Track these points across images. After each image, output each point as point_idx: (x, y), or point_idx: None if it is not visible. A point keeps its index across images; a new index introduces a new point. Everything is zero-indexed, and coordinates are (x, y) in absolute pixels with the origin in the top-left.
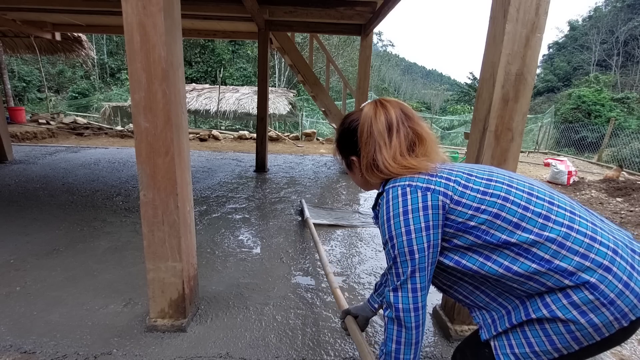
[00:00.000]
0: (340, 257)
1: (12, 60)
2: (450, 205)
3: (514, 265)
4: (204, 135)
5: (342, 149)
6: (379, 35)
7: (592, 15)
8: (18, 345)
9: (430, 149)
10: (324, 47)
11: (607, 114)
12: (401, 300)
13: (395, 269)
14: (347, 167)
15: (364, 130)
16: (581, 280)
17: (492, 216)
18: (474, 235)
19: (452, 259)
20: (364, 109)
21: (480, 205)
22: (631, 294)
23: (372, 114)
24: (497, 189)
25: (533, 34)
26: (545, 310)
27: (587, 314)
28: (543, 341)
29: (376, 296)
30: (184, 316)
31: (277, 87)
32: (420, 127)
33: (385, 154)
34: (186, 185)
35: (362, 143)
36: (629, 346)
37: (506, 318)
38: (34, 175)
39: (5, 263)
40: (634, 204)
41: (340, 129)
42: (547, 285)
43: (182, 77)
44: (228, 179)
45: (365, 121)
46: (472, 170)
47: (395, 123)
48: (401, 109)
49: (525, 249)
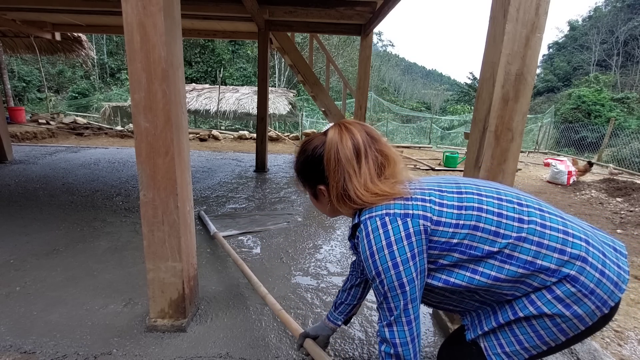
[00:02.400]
0: (340, 257)
1: (12, 60)
2: (431, 227)
3: (501, 273)
4: (204, 135)
5: (307, 178)
6: (379, 35)
7: (592, 15)
8: (18, 345)
9: (398, 170)
10: (324, 47)
11: (607, 114)
12: (398, 335)
13: (387, 304)
14: (312, 197)
15: (331, 158)
16: (562, 275)
17: (472, 229)
18: (458, 252)
19: (440, 279)
20: (327, 134)
21: (459, 221)
22: (608, 281)
23: (337, 139)
24: (470, 200)
25: (533, 34)
26: (531, 307)
27: (571, 307)
28: (532, 337)
29: (337, 314)
30: (184, 316)
31: (277, 87)
32: (387, 148)
33: (356, 182)
34: (186, 185)
35: (330, 171)
36: (629, 346)
37: (492, 318)
38: (34, 175)
39: (5, 263)
40: (634, 204)
41: (303, 158)
42: (533, 286)
43: (182, 77)
44: (228, 179)
45: (332, 147)
46: (440, 185)
47: (363, 148)
48: (366, 132)
49: (508, 254)
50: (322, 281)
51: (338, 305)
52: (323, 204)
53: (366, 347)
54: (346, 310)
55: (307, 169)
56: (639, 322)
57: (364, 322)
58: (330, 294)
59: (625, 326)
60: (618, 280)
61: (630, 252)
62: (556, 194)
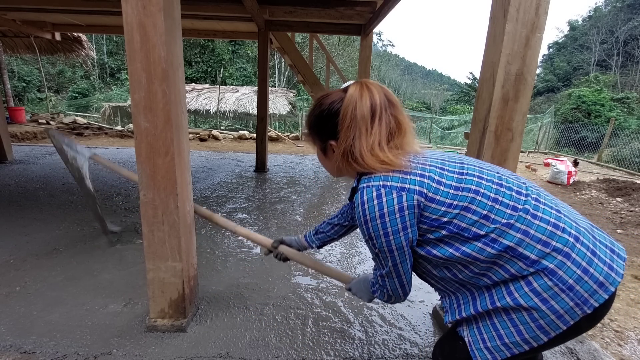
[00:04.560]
0: (340, 257)
1: (12, 60)
2: (425, 202)
3: (481, 254)
4: (204, 135)
5: (319, 132)
6: (379, 35)
7: (592, 15)
8: (18, 345)
9: (407, 140)
10: (324, 47)
11: (607, 114)
12: (388, 284)
13: (379, 261)
14: (321, 152)
15: (347, 114)
16: (541, 267)
17: (463, 209)
18: (446, 229)
19: (424, 249)
20: (348, 90)
21: (453, 201)
22: (590, 280)
23: (357, 96)
24: (469, 182)
25: (533, 34)
26: (508, 298)
27: (548, 301)
28: (512, 332)
29: (315, 238)
30: (184, 316)
31: (277, 87)
32: (402, 116)
33: (364, 143)
34: (186, 185)
35: (344, 127)
36: (629, 346)
37: (471, 304)
38: (34, 175)
39: (5, 263)
40: (634, 204)
41: (318, 111)
42: (510, 272)
43: (182, 77)
44: (228, 179)
45: (350, 103)
46: (444, 162)
47: (379, 109)
48: (385, 94)
49: (492, 239)
50: (322, 281)
51: (319, 232)
52: (330, 161)
53: (366, 347)
54: (324, 239)
55: (320, 122)
56: (639, 322)
57: (364, 322)
58: (330, 294)
59: (625, 326)
60: (605, 280)
61: (630, 252)
62: (556, 194)
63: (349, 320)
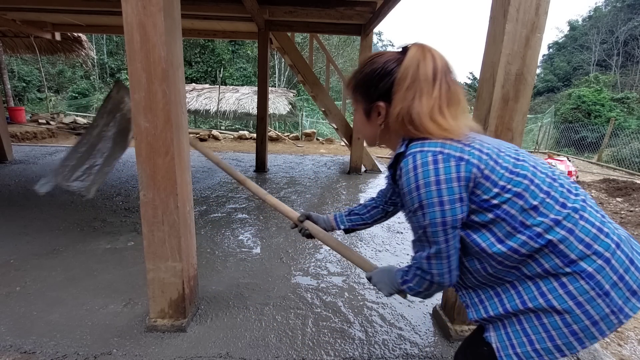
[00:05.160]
0: (340, 257)
1: (12, 60)
2: (480, 179)
3: (523, 248)
4: (204, 135)
5: (366, 93)
6: (379, 35)
7: (592, 15)
8: (18, 345)
9: (460, 110)
10: (324, 47)
11: (607, 114)
12: (436, 267)
13: (426, 239)
14: (364, 115)
15: (408, 74)
16: (579, 269)
17: (515, 196)
18: (493, 213)
19: (464, 231)
20: (408, 51)
21: (507, 184)
22: (624, 287)
23: (420, 56)
24: (525, 169)
25: (533, 34)
26: (541, 299)
27: (583, 305)
28: (543, 337)
29: (346, 219)
30: (184, 316)
31: (277, 87)
32: (458, 87)
33: (425, 104)
34: (186, 185)
35: (402, 88)
36: (629, 346)
37: (497, 302)
38: (34, 175)
39: (5, 263)
40: (634, 204)
41: (369, 70)
42: (544, 267)
43: (182, 77)
44: (228, 179)
45: (412, 63)
46: (501, 145)
47: (439, 74)
48: (444, 59)
49: (538, 233)
50: (322, 281)
51: (352, 214)
52: (372, 125)
53: (366, 347)
54: (356, 222)
55: (370, 81)
56: (639, 322)
57: (364, 322)
58: (330, 294)
59: (625, 326)
60: (638, 288)
61: None
62: None
63: (349, 320)
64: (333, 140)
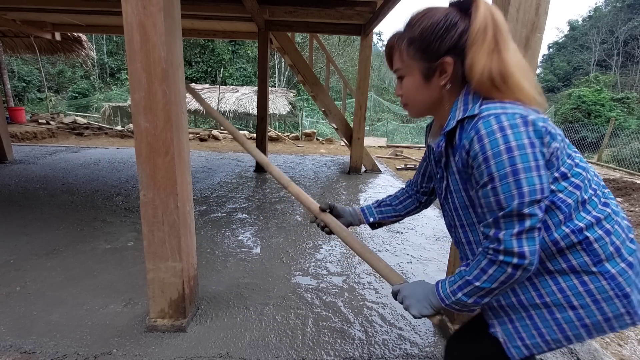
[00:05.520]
0: (340, 257)
1: (12, 60)
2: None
3: (564, 240)
4: (204, 135)
5: (428, 48)
6: (379, 35)
7: (592, 15)
8: (18, 345)
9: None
10: (324, 47)
11: (607, 114)
12: (528, 244)
13: (518, 211)
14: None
15: (487, 25)
16: (604, 270)
17: (574, 187)
18: (549, 199)
19: None
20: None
21: (567, 172)
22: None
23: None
24: (581, 160)
25: (533, 34)
26: (560, 294)
27: (599, 303)
28: (554, 330)
29: (375, 211)
30: (184, 316)
31: (277, 87)
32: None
33: (514, 58)
34: (186, 185)
35: (479, 39)
36: (629, 346)
37: (510, 292)
38: (34, 175)
39: (5, 263)
40: (634, 204)
41: (429, 22)
42: (571, 264)
43: (182, 77)
44: (228, 179)
45: (488, 14)
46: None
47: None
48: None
49: (580, 228)
50: (322, 281)
51: (382, 205)
52: (431, 89)
53: (366, 347)
54: (387, 214)
55: (432, 36)
56: None
57: (364, 322)
58: (330, 294)
59: None
60: None
61: None
62: None
63: (349, 320)
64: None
